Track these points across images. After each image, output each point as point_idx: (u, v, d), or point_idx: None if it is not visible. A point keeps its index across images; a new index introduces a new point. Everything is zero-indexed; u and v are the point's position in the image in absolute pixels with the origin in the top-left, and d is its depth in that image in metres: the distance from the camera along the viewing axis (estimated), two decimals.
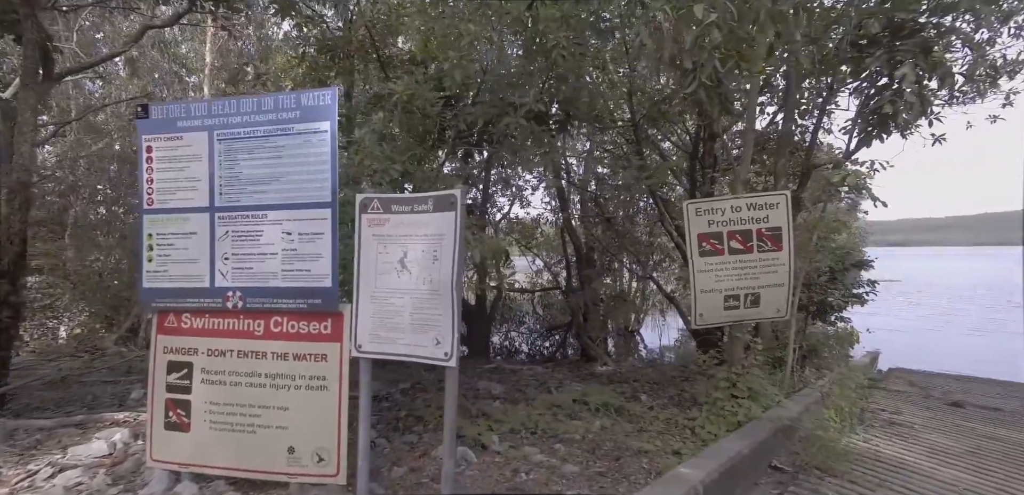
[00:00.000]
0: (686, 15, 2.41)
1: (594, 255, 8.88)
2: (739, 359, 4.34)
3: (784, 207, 4.15)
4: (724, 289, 4.19)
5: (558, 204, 8.43)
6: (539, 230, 9.76)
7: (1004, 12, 3.93)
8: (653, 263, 8.74)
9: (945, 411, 5.10)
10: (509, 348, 9.63)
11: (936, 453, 3.69)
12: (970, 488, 3.05)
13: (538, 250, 9.96)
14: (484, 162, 4.45)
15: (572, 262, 8.61)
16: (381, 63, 3.60)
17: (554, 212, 9.03)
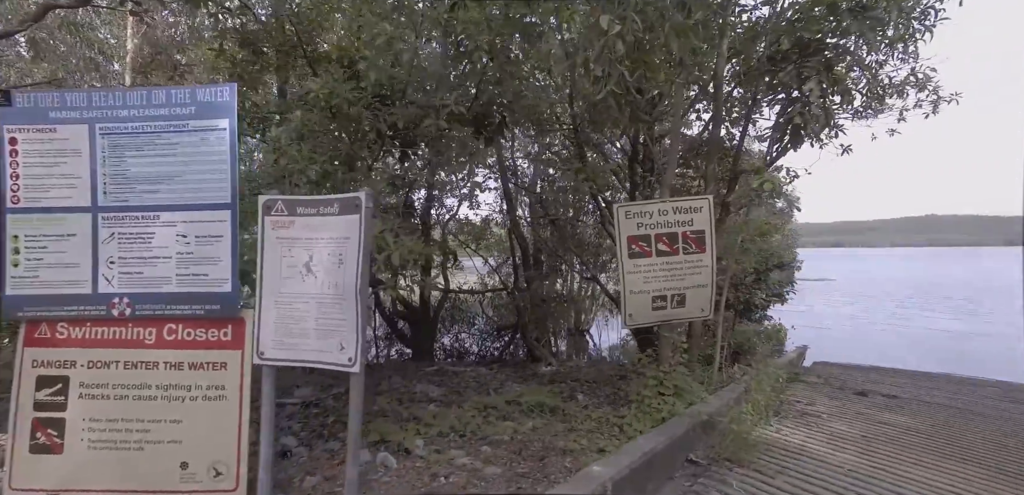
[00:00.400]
0: (594, 25, 2.49)
1: (542, 256, 9.00)
2: (667, 358, 4.52)
3: (707, 211, 4.36)
4: (652, 290, 4.35)
5: (506, 206, 8.49)
6: (489, 231, 9.78)
7: (890, 38, 4.30)
8: (600, 264, 8.95)
9: (851, 400, 5.51)
10: (459, 350, 9.59)
11: (835, 439, 3.98)
12: (854, 469, 3.31)
13: (488, 251, 9.97)
14: (426, 164, 4.39)
15: (519, 264, 8.69)
16: (309, 60, 3.49)
17: (503, 214, 9.08)
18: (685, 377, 4.40)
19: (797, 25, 4.43)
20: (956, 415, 5.02)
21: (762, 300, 5.64)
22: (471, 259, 9.51)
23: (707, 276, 4.38)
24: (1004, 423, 4.80)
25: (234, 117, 2.13)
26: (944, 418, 4.84)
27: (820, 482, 3.10)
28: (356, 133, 3.41)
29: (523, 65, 3.67)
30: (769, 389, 4.76)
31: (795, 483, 3.08)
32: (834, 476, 3.21)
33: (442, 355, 9.46)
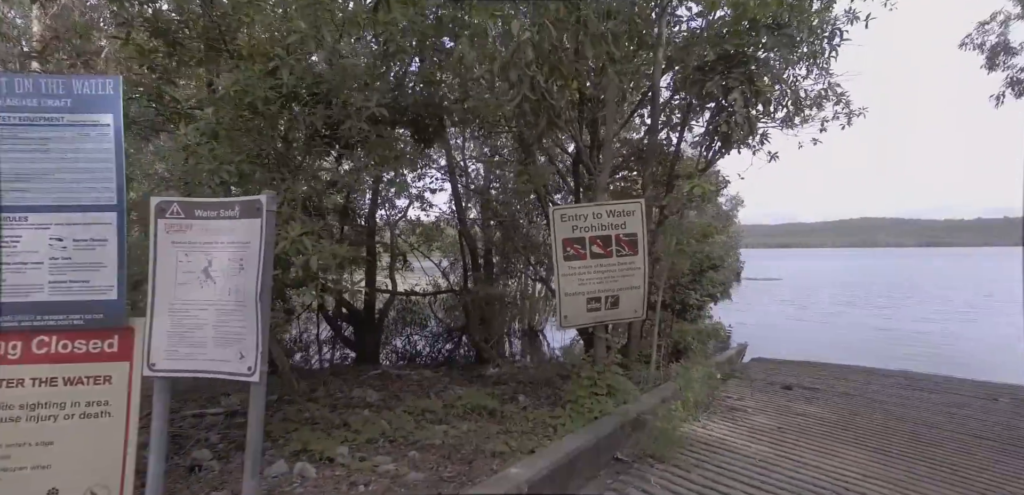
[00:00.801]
0: (507, 31, 2.51)
1: (494, 258, 9.01)
2: (602, 358, 4.63)
3: (640, 214, 4.50)
4: (587, 292, 4.44)
5: (455, 208, 8.45)
6: (441, 233, 9.69)
7: (803, 54, 4.60)
8: (550, 265, 9.04)
9: (777, 394, 5.83)
10: (411, 352, 9.45)
11: (754, 432, 4.21)
12: (765, 458, 3.52)
13: (444, 253, 9.88)
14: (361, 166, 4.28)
15: (468, 265, 8.66)
16: (231, 55, 3.32)
17: (454, 215, 9.03)
18: (619, 377, 4.53)
19: (723, 38, 4.65)
20: (862, 404, 5.42)
21: (696, 300, 5.87)
22: (421, 262, 9.40)
23: (640, 278, 4.52)
24: (898, 409, 5.25)
25: (119, 113, 1.99)
26: (850, 407, 5.21)
27: (731, 473, 3.26)
28: (286, 133, 3.28)
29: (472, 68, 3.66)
30: (699, 387, 4.96)
31: (708, 475, 3.22)
32: (745, 466, 3.39)
33: (395, 357, 9.31)
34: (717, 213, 13.52)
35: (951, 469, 3.54)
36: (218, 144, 2.83)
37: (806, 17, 4.53)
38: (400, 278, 9.62)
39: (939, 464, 3.63)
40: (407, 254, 8.63)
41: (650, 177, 5.60)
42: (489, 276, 8.74)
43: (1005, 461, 3.79)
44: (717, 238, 13.42)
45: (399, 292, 8.54)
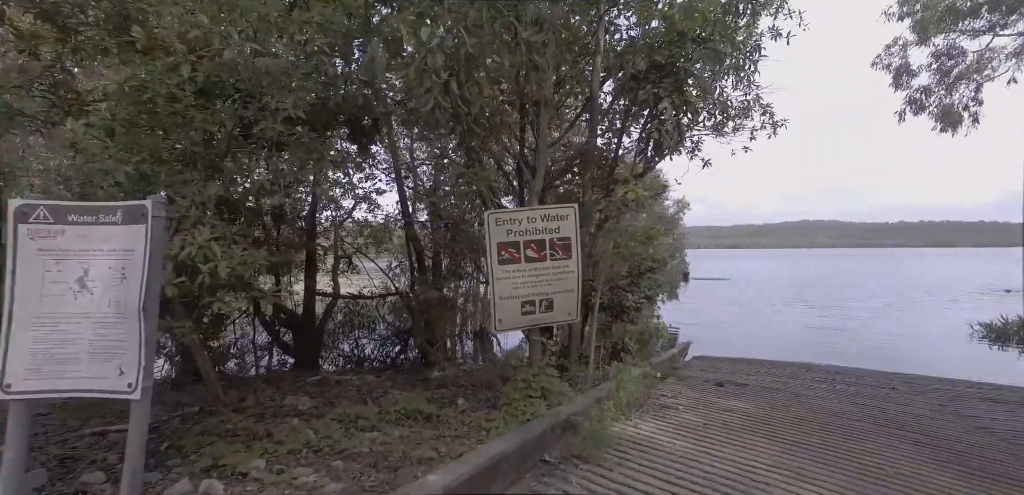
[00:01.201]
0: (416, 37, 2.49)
1: (442, 259, 8.92)
2: (537, 360, 4.68)
3: (573, 219, 4.58)
4: (522, 295, 4.48)
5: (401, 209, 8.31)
6: (389, 234, 9.51)
7: (729, 67, 4.84)
8: None
9: (709, 391, 6.09)
10: (358, 356, 9.23)
11: (680, 428, 4.37)
12: (685, 454, 3.67)
13: (392, 254, 9.69)
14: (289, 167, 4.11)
15: (416, 267, 8.54)
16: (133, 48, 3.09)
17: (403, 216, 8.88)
18: (554, 379, 4.59)
19: (654, 49, 4.81)
20: (784, 398, 5.75)
21: (633, 302, 6.04)
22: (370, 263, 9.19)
23: (573, 281, 4.60)
24: (815, 401, 5.62)
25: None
26: (772, 401, 5.52)
27: (650, 469, 3.38)
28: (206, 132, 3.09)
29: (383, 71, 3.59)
30: (633, 387, 5.11)
31: (628, 473, 3.32)
32: (665, 463, 3.52)
33: (342, 362, 9.06)
34: (662, 216, 14.07)
35: (848, 454, 3.82)
36: (114, 142, 2.64)
37: (730, 33, 4.77)
38: (346, 280, 9.38)
39: (838, 451, 3.91)
40: (352, 256, 8.42)
41: (590, 181, 5.71)
42: (438, 278, 8.66)
43: (893, 444, 4.14)
44: (661, 241, 13.94)
45: (342, 295, 8.31)
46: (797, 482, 3.28)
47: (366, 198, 8.56)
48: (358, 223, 8.72)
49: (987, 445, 4.27)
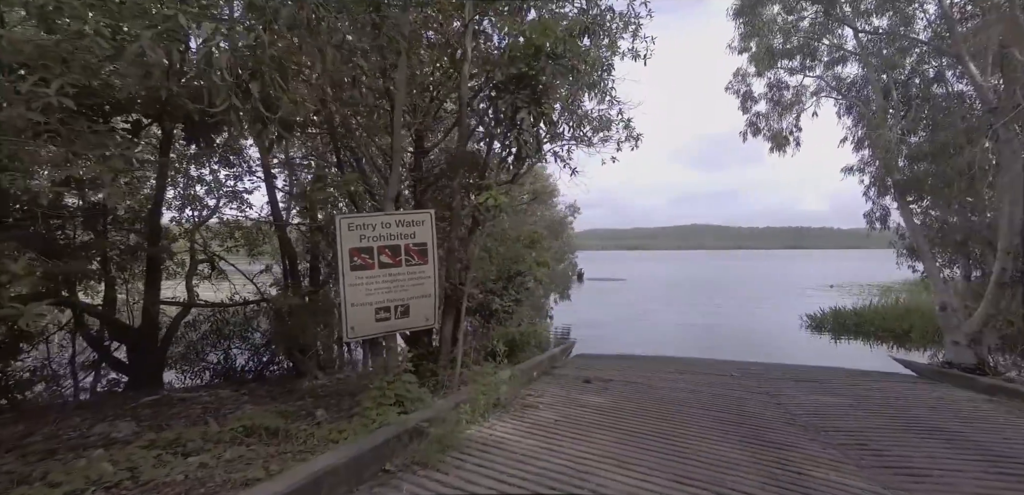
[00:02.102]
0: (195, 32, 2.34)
1: (319, 264, 8.46)
2: (393, 367, 4.61)
3: (429, 224, 4.59)
4: (375, 302, 4.39)
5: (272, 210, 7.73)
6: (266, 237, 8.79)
7: (584, 83, 5.20)
8: None
9: (576, 388, 6.43)
10: (226, 369, 8.41)
11: (534, 427, 4.57)
12: (528, 451, 3.85)
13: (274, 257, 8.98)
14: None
15: (288, 271, 8.01)
16: None
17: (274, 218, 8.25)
18: (412, 385, 4.55)
19: (513, 60, 5.01)
20: (639, 390, 6.29)
21: (501, 305, 6.23)
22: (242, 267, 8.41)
23: (430, 286, 4.62)
24: (664, 392, 6.21)
25: None
26: (627, 395, 6.00)
27: (489, 470, 3.49)
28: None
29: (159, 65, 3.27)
30: (496, 389, 5.25)
31: (465, 476, 3.40)
32: (506, 461, 3.66)
33: (209, 376, 8.20)
34: (552, 220, 14.78)
35: (668, 438, 4.26)
36: None
37: (584, 52, 5.12)
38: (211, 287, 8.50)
39: (663, 436, 4.35)
40: (214, 260, 7.65)
41: (460, 185, 5.77)
42: (316, 284, 8.19)
43: (711, 424, 4.72)
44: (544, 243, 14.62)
45: (198, 304, 7.51)
46: (616, 469, 3.59)
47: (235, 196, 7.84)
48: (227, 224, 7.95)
49: (777, 418, 5.06)
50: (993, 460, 3.87)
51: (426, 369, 5.95)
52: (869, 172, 9.87)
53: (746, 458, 3.83)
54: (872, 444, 4.22)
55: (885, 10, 8.67)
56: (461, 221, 5.66)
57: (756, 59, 10.28)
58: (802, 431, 4.64)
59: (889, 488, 3.32)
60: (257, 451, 3.85)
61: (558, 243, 15.13)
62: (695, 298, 30.14)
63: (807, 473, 3.54)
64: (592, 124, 6.54)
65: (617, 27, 6.11)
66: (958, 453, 4.02)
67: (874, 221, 10.24)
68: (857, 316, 15.78)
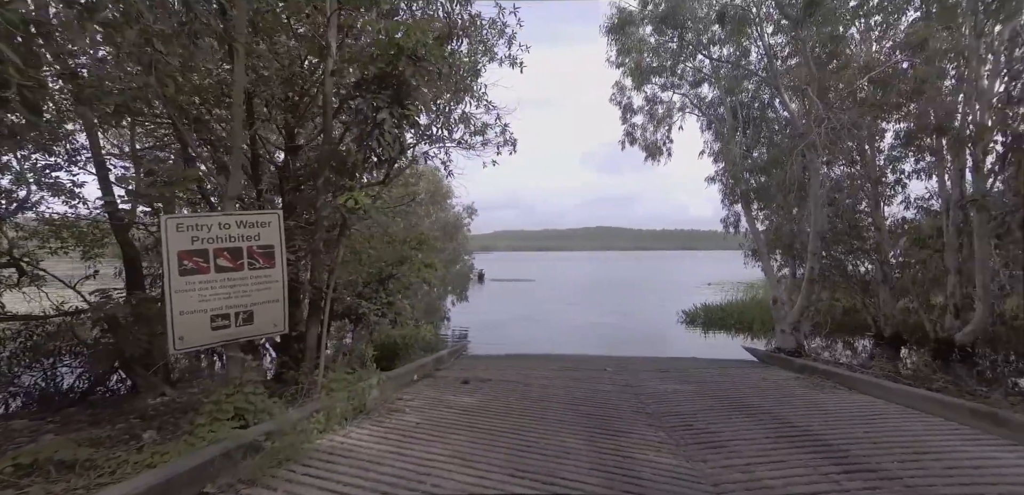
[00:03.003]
0: None
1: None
2: (235, 378, 4.28)
3: (276, 225, 4.33)
4: (211, 309, 4.02)
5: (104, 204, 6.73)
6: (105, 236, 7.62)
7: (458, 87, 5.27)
8: None
9: (451, 390, 6.46)
10: (46, 391, 7.13)
11: (392, 431, 4.51)
12: (375, 457, 3.79)
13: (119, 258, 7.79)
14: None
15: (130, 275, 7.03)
16: None
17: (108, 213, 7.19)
18: (255, 396, 4.25)
19: (374, 59, 4.90)
20: (513, 389, 6.49)
21: (370, 309, 6.06)
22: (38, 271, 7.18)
23: (279, 291, 4.35)
24: (538, 389, 6.45)
25: None
26: (499, 393, 6.16)
27: (324, 480, 3.38)
28: None
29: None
30: (362, 394, 5.10)
31: (295, 490, 3.25)
32: (347, 469, 3.56)
33: (22, 400, 6.88)
34: (446, 222, 14.79)
35: (522, 434, 4.44)
36: None
37: (448, 56, 5.17)
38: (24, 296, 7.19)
39: (518, 432, 4.53)
40: (22, 262, 6.48)
41: (324, 185, 5.51)
42: (141, 289, 7.26)
43: (567, 418, 5.01)
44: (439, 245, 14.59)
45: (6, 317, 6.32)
46: (460, 468, 3.67)
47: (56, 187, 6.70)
48: (49, 222, 6.74)
49: (628, 407, 5.53)
50: (778, 426, 4.60)
51: (289, 377, 5.61)
52: (721, 181, 11.26)
53: (586, 447, 4.12)
54: (696, 424, 4.78)
55: (727, 42, 10.00)
56: (325, 223, 5.42)
57: (632, 74, 11.21)
58: (646, 418, 5.11)
59: (692, 459, 3.79)
60: (41, 489, 3.33)
61: (453, 245, 15.13)
62: (595, 297, 31.83)
63: (633, 456, 3.90)
64: (469, 128, 6.64)
65: (492, 35, 6.28)
66: (757, 424, 4.72)
67: (728, 226, 11.70)
68: (722, 311, 17.87)
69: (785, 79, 7.73)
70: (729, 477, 3.41)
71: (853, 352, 12.11)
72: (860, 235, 11.84)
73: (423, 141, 5.82)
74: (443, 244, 14.61)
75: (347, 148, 6.03)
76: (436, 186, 14.34)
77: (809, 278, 8.74)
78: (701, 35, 10.03)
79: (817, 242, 8.55)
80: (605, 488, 3.24)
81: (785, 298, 9.94)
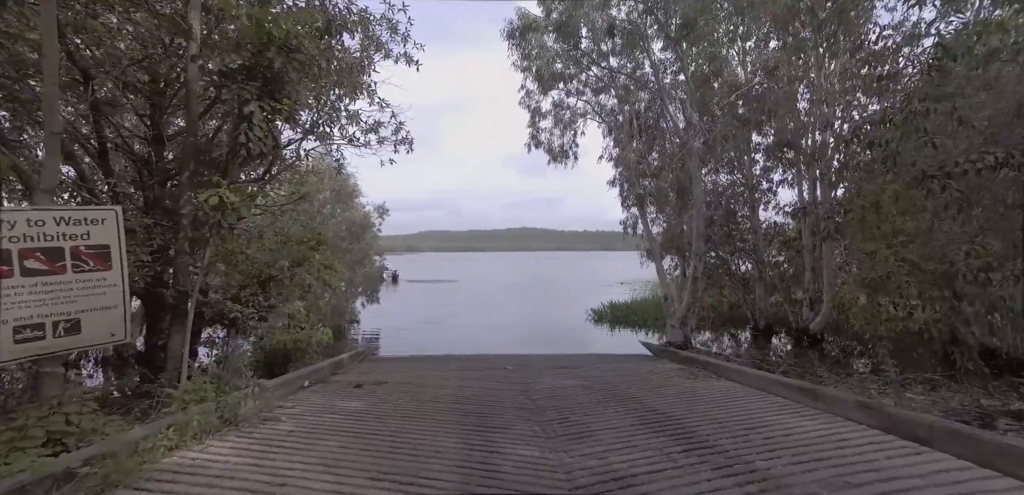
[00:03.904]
0: None
1: None
2: (50, 397, 3.75)
3: (114, 223, 3.86)
4: (16, 318, 3.48)
5: None
6: None
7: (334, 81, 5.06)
8: None
9: (341, 395, 6.17)
10: None
11: (258, 442, 4.19)
12: (228, 473, 3.51)
13: None
14: None
15: None
16: None
17: None
18: (82, 416, 3.74)
19: (241, 47, 4.56)
20: (406, 391, 6.36)
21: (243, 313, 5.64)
22: None
23: (117, 296, 3.89)
24: (431, 392, 6.37)
25: None
26: (390, 397, 6.00)
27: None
28: None
29: None
30: (236, 405, 4.71)
31: None
32: (193, 488, 3.27)
33: None
34: (352, 221, 14.23)
35: (398, 437, 4.36)
36: None
37: (325, 49, 4.96)
38: None
39: (396, 435, 4.43)
40: None
41: (189, 181, 5.03)
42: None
43: (452, 418, 5.00)
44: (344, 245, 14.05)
45: None
46: (320, 474, 3.51)
47: None
48: None
49: (514, 404, 5.65)
50: (646, 414, 4.97)
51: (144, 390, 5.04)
52: (619, 185, 12.00)
53: (458, 446, 4.13)
54: (572, 417, 5.01)
55: (619, 54, 10.71)
56: (185, 221, 4.95)
57: (540, 80, 11.57)
58: (528, 414, 5.24)
59: (556, 450, 3.96)
60: None
61: (361, 245, 14.58)
62: (512, 297, 32.28)
63: (502, 451, 3.98)
64: (360, 126, 6.43)
65: (384, 31, 6.14)
66: (628, 413, 5.05)
67: (627, 227, 12.47)
68: (627, 309, 18.98)
69: (675, 92, 8.43)
70: (584, 464, 3.60)
71: (737, 343, 13.49)
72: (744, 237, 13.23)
73: (309, 137, 5.52)
74: (349, 244, 14.00)
75: (218, 142, 5.59)
76: (341, 185, 13.71)
77: (693, 276, 9.56)
78: (600, 44, 10.61)
79: (700, 243, 9.38)
80: (462, 483, 3.28)
81: (675, 295, 10.78)
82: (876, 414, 4.32)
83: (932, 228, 5.23)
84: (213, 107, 5.37)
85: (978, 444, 3.31)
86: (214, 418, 4.60)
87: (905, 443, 3.78)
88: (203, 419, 4.39)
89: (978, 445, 3.31)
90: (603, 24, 9.59)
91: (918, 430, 3.83)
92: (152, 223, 4.77)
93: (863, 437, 4.01)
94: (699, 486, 3.14)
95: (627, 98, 10.89)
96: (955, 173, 4.41)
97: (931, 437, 3.68)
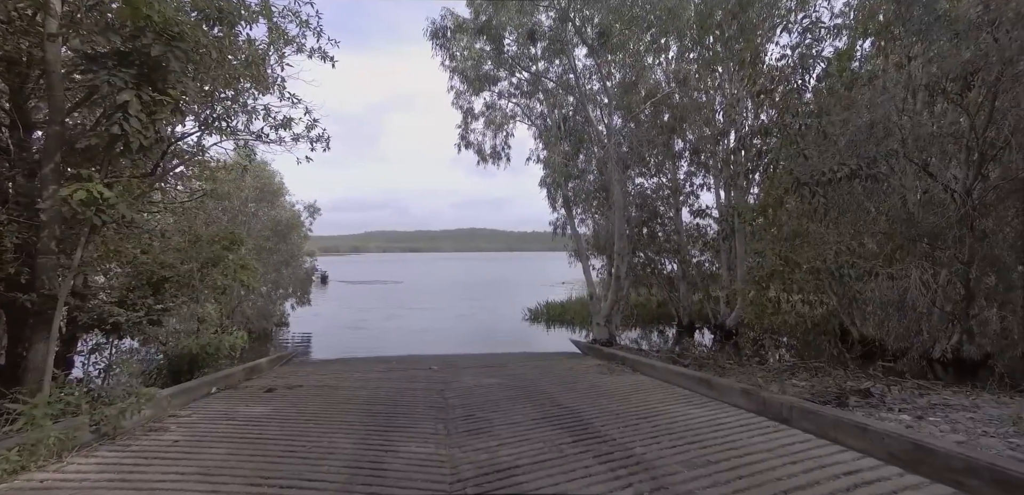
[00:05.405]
0: None
1: None
2: None
3: None
4: None
5: None
6: None
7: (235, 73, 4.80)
8: None
9: (246, 401, 5.80)
10: None
11: (132, 456, 3.86)
12: (81, 490, 3.25)
13: None
14: None
15: None
16: None
17: None
18: None
19: (113, 29, 4.24)
20: (321, 393, 6.15)
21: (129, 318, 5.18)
22: None
23: None
24: (348, 393, 6.20)
25: None
26: (298, 400, 5.79)
27: None
28: None
29: None
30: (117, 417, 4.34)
31: None
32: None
33: None
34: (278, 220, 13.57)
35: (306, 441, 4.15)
36: None
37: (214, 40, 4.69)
38: None
39: (297, 438, 4.23)
40: None
41: (53, 172, 4.59)
42: None
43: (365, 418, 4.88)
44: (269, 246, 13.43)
45: None
46: (194, 486, 3.31)
47: None
48: None
49: (427, 404, 5.62)
50: (550, 408, 5.12)
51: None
52: (548, 185, 12.27)
53: (354, 446, 4.04)
54: (477, 414, 5.06)
55: (543, 58, 10.99)
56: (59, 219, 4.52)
57: (467, 80, 11.60)
58: (436, 412, 5.22)
59: (451, 447, 3.99)
60: None
61: (287, 246, 13.92)
62: (454, 297, 32.06)
63: (396, 450, 3.95)
64: (270, 122, 6.16)
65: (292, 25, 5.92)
66: (534, 409, 5.18)
67: (557, 228, 12.78)
68: (562, 308, 19.43)
69: (601, 98, 8.75)
70: (473, 459, 3.66)
71: (664, 340, 14.21)
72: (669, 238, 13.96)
73: (208, 132, 5.20)
74: (275, 244, 13.31)
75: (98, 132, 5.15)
76: (265, 183, 13.00)
77: (616, 276, 9.96)
78: (524, 47, 10.82)
79: (622, 243, 9.80)
80: (345, 484, 3.24)
81: (601, 294, 11.18)
82: (754, 399, 4.71)
83: (807, 231, 5.82)
84: (93, 95, 4.94)
85: (820, 419, 3.72)
86: (87, 432, 4.24)
87: (770, 423, 4.16)
88: (67, 434, 4.01)
89: (820, 420, 3.71)
90: (524, 30, 9.81)
91: (783, 411, 4.23)
92: (6, 219, 4.30)
93: (737, 420, 4.36)
94: (575, 472, 3.29)
95: (555, 102, 11.17)
96: (822, 182, 4.94)
97: (791, 416, 4.08)
